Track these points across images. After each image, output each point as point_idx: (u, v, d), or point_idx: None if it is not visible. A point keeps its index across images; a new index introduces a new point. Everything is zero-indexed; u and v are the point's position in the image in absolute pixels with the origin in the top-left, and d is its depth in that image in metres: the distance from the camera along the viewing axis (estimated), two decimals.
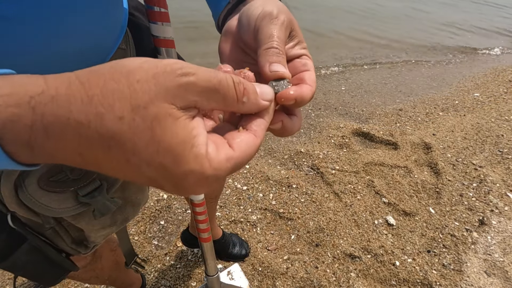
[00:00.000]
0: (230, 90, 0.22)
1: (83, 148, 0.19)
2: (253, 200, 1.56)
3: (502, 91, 2.84)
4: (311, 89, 0.28)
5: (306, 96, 0.27)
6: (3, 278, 1.19)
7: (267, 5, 0.30)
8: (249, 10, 0.31)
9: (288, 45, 0.30)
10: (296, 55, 0.31)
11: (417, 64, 3.46)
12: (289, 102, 0.27)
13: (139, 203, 0.49)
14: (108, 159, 0.19)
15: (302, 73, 0.29)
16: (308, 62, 0.30)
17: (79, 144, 0.18)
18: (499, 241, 1.44)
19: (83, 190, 0.39)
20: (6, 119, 0.17)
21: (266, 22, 0.29)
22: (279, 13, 0.29)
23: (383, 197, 1.63)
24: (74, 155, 0.19)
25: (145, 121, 0.18)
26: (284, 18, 0.29)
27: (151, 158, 0.19)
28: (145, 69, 0.19)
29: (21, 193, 0.35)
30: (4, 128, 0.17)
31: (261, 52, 0.28)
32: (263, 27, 0.29)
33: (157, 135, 0.19)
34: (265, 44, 0.28)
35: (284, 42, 0.29)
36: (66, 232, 0.44)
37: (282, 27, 0.29)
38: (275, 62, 0.27)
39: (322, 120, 2.24)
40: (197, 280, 1.22)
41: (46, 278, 0.47)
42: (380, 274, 1.28)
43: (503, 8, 6.78)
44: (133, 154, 0.19)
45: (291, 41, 0.31)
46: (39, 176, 0.36)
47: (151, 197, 1.52)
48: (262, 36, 0.28)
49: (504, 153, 1.99)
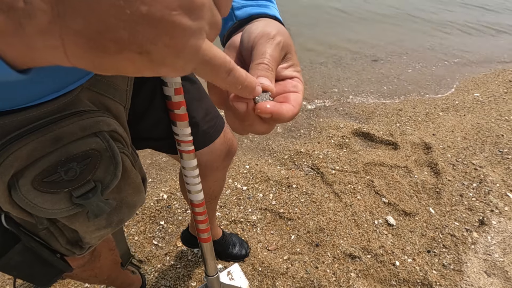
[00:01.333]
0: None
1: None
2: (253, 200, 1.56)
3: (502, 91, 2.83)
4: (292, 110, 0.29)
5: (284, 114, 0.28)
6: (3, 278, 1.19)
7: (268, 26, 0.32)
8: (251, 29, 0.33)
9: (282, 65, 0.32)
10: (288, 76, 0.32)
11: (417, 64, 3.45)
12: (264, 115, 0.27)
13: (134, 204, 0.49)
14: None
15: (290, 93, 0.31)
16: (299, 85, 0.32)
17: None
18: (499, 241, 1.44)
19: (77, 191, 0.39)
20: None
21: (263, 41, 0.31)
22: (277, 34, 0.31)
23: (383, 197, 1.63)
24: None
25: None
26: (281, 39, 0.31)
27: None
28: None
29: (14, 194, 0.35)
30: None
31: (252, 66, 0.29)
32: (259, 45, 0.30)
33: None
34: (257, 60, 0.29)
35: (276, 60, 0.30)
36: (60, 233, 0.44)
37: (277, 47, 0.30)
38: (262, 76, 0.28)
39: (322, 120, 2.24)
40: (197, 280, 1.22)
41: (39, 279, 0.47)
42: (380, 274, 1.28)
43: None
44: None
45: (285, 62, 0.33)
46: (33, 176, 0.35)
47: (151, 197, 1.52)
48: (256, 52, 0.30)
49: (504, 153, 1.98)
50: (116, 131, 0.43)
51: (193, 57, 0.19)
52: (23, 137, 0.35)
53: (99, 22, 0.15)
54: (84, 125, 0.39)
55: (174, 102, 0.57)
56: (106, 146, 0.41)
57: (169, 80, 0.55)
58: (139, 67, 0.18)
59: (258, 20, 0.37)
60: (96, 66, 0.18)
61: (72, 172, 0.38)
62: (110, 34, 0.16)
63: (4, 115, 0.35)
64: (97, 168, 0.40)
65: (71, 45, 0.16)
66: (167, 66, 0.19)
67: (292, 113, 0.28)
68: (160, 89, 0.59)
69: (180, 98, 0.57)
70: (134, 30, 0.16)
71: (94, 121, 0.40)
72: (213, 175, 0.83)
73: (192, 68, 0.21)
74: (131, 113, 0.56)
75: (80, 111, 0.40)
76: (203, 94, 0.72)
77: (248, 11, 0.38)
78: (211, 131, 0.73)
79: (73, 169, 0.38)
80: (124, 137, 0.46)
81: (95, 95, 0.45)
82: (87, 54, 0.16)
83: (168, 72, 0.20)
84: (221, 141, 0.77)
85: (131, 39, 0.16)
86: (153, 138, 0.68)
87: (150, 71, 0.19)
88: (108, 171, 0.41)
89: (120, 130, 0.45)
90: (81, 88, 0.42)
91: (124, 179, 0.45)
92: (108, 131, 0.42)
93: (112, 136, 0.43)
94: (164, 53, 0.18)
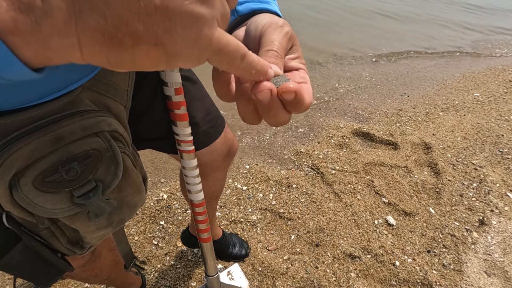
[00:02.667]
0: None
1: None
2: (253, 200, 1.56)
3: (502, 91, 2.83)
4: (307, 98, 0.29)
5: (304, 94, 0.28)
6: (3, 278, 1.19)
7: (273, 18, 0.33)
8: (258, 20, 0.34)
9: (289, 56, 0.33)
10: (295, 67, 0.33)
11: (418, 64, 3.45)
12: (289, 95, 0.27)
13: (135, 204, 0.49)
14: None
15: (300, 84, 0.31)
16: (306, 76, 0.32)
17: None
18: (499, 241, 1.44)
19: (78, 191, 0.39)
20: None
21: (271, 29, 0.31)
22: (285, 24, 0.32)
23: (383, 197, 1.63)
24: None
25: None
26: (289, 29, 0.32)
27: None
28: None
29: (15, 193, 0.35)
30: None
31: (262, 53, 0.30)
32: (267, 34, 0.31)
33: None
34: (266, 47, 0.30)
35: (284, 49, 0.31)
36: (61, 232, 0.44)
37: (285, 36, 0.31)
38: (272, 63, 0.28)
39: (322, 120, 2.24)
40: (197, 280, 1.22)
41: (40, 278, 0.47)
42: (380, 274, 1.28)
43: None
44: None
45: (292, 53, 0.33)
46: (34, 176, 0.36)
47: (151, 197, 1.52)
48: (265, 40, 0.30)
49: (504, 153, 1.98)
50: (117, 131, 0.44)
51: (208, 46, 0.19)
52: (24, 137, 0.35)
53: (114, 17, 0.15)
54: (85, 125, 0.39)
55: (174, 102, 0.57)
56: (107, 146, 0.41)
57: (169, 80, 0.55)
58: (155, 60, 0.18)
59: (259, 15, 0.37)
60: (111, 62, 0.18)
61: (73, 172, 0.38)
62: (126, 28, 0.16)
63: (5, 114, 0.35)
64: (98, 168, 0.40)
65: (87, 41, 0.16)
66: (183, 56, 0.19)
67: (309, 100, 0.29)
68: (160, 89, 0.59)
69: (181, 98, 0.57)
70: (149, 22, 0.16)
71: (95, 121, 0.40)
72: (213, 175, 0.83)
73: (207, 57, 0.21)
74: (132, 113, 0.56)
75: (81, 111, 0.40)
76: (203, 94, 0.72)
77: (250, 6, 0.39)
78: (212, 131, 0.73)
79: (74, 168, 0.38)
80: (125, 137, 0.46)
81: (96, 95, 0.45)
82: (104, 49, 0.17)
83: (183, 63, 0.20)
84: (222, 141, 0.77)
85: (146, 31, 0.16)
86: (154, 138, 0.68)
87: (165, 63, 0.19)
88: (109, 171, 0.41)
89: (121, 130, 0.45)
90: (82, 88, 0.42)
91: (125, 179, 0.45)
92: (109, 131, 0.42)
93: (113, 136, 0.43)
94: (179, 43, 0.18)
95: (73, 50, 0.17)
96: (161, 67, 0.20)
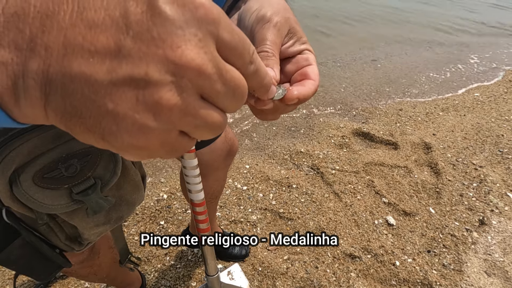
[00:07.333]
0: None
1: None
2: (253, 200, 1.56)
3: (502, 91, 2.84)
4: (314, 84, 0.30)
5: (309, 93, 0.29)
6: (3, 278, 1.19)
7: (263, 7, 0.31)
8: (246, 15, 0.33)
9: (287, 44, 0.32)
10: (298, 51, 0.32)
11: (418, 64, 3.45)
12: (292, 101, 0.28)
13: (134, 202, 0.49)
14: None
15: (305, 68, 0.31)
16: (310, 56, 0.32)
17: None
18: (499, 241, 1.43)
19: (77, 187, 0.39)
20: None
21: (260, 27, 0.30)
22: (273, 15, 0.31)
23: (383, 197, 1.63)
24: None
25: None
26: (277, 20, 0.30)
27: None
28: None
29: (15, 189, 0.35)
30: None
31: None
32: (257, 32, 0.30)
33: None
34: (258, 47, 0.30)
35: (276, 43, 0.30)
36: (60, 228, 0.44)
37: (274, 30, 0.30)
38: (267, 66, 0.29)
39: (322, 120, 2.24)
40: (197, 280, 1.22)
41: (39, 273, 0.47)
42: (380, 274, 1.28)
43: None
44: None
45: (290, 39, 0.32)
46: (34, 172, 0.36)
47: (151, 197, 1.52)
48: (256, 40, 0.30)
49: (504, 153, 1.98)
50: None
51: (158, 153, 0.20)
52: (25, 134, 0.35)
53: (71, 107, 0.17)
54: None
55: None
56: None
57: None
58: (104, 147, 0.19)
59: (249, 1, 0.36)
60: (71, 132, 0.19)
61: (73, 168, 0.38)
62: (78, 119, 0.18)
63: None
64: (97, 165, 0.40)
65: (52, 115, 0.18)
66: (131, 156, 0.20)
67: (314, 88, 0.29)
68: None
69: None
70: (99, 121, 0.17)
71: None
72: (214, 174, 0.83)
73: (168, 156, 0.21)
74: None
75: None
76: None
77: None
78: None
79: (74, 165, 0.38)
80: None
81: None
82: (61, 125, 0.18)
83: (133, 159, 0.21)
84: (222, 140, 0.77)
85: (95, 127, 0.18)
86: None
87: (116, 152, 0.20)
88: (108, 168, 0.42)
89: None
90: None
91: (124, 176, 0.46)
92: None
93: None
94: (124, 147, 0.19)
95: (44, 119, 0.19)
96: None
